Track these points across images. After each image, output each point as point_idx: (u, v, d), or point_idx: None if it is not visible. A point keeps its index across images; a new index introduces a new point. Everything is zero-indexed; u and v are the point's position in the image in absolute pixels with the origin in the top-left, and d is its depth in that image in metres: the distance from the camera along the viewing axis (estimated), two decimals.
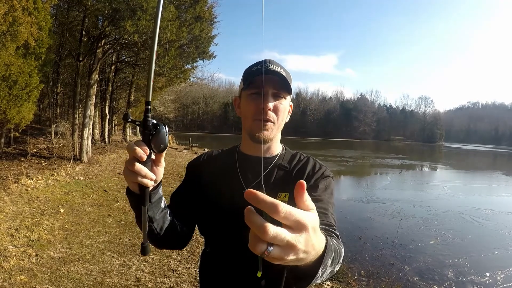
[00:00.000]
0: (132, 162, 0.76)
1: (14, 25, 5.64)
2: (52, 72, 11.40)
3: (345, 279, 4.20)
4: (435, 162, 28.08)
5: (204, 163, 1.15)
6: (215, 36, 13.03)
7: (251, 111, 1.00)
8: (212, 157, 1.18)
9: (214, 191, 1.06)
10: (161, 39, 8.85)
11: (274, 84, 0.97)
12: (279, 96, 1.00)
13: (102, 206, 6.12)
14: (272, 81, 0.96)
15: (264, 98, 0.96)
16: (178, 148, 21.72)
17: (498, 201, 10.75)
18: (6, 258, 3.56)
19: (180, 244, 1.09)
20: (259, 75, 0.96)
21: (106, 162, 10.36)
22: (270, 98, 0.98)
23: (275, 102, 0.99)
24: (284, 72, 1.00)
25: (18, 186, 5.98)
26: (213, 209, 1.05)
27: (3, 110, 6.24)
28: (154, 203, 0.89)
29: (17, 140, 9.44)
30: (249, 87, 1.00)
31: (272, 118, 0.99)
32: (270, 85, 0.97)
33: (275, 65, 1.00)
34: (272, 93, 0.98)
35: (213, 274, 1.08)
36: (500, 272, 4.87)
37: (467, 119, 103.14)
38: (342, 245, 0.77)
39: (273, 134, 1.02)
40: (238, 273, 1.01)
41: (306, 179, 1.03)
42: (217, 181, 1.07)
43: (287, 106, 1.04)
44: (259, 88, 0.96)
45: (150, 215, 0.88)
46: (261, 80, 0.93)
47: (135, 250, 4.28)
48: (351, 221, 7.43)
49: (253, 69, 1.01)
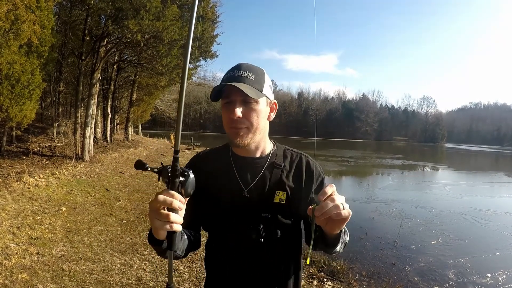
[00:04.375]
0: (165, 213, 0.78)
1: (17, 23, 5.65)
2: (55, 71, 11.41)
3: (346, 279, 4.19)
4: (437, 162, 28.01)
5: (200, 165, 1.14)
6: (218, 35, 13.06)
7: (225, 121, 1.03)
8: (206, 158, 1.18)
9: (214, 193, 1.08)
10: (164, 39, 8.88)
11: (240, 91, 0.96)
12: (248, 102, 1.00)
13: (103, 205, 6.14)
14: (238, 90, 0.96)
15: (231, 107, 0.99)
16: (180, 147, 21.70)
17: (500, 202, 10.72)
18: (7, 256, 3.57)
19: (196, 248, 1.14)
20: (225, 85, 0.99)
21: (108, 161, 10.39)
22: (239, 105, 0.99)
23: (244, 109, 1.00)
24: (254, 75, 1.01)
25: (20, 184, 6.00)
26: (215, 209, 1.08)
27: (5, 108, 6.26)
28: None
29: (19, 139, 9.47)
30: (222, 98, 1.02)
31: (245, 124, 1.01)
32: (237, 93, 0.98)
33: (243, 70, 1.01)
34: (240, 100, 0.99)
35: (218, 264, 1.14)
36: (501, 273, 4.86)
37: (469, 119, 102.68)
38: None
39: (250, 137, 1.03)
40: (241, 262, 1.07)
41: (306, 179, 1.10)
42: (216, 183, 1.09)
43: (262, 107, 1.04)
44: (228, 98, 1.00)
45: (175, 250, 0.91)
46: (228, 90, 0.98)
47: (136, 249, 4.29)
48: (353, 221, 7.32)
49: (223, 78, 1.03)
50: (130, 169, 10.02)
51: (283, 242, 1.05)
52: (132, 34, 8.24)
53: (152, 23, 8.09)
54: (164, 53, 9.79)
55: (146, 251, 4.24)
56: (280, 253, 1.07)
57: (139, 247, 4.38)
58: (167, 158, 14.77)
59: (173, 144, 11.08)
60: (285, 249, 1.08)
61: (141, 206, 6.43)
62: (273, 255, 1.05)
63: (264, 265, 1.05)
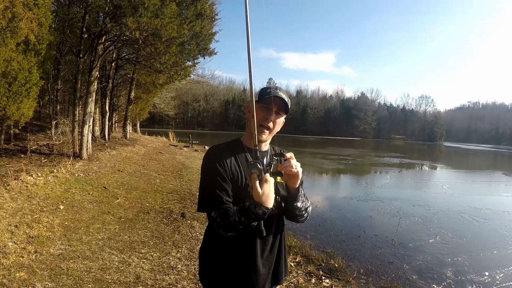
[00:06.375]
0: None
1: (14, 21, 5.61)
2: (53, 69, 11.33)
3: (344, 277, 4.20)
4: (435, 161, 28.10)
5: (221, 155, 1.42)
6: (216, 33, 13.02)
7: (258, 119, 1.39)
8: (224, 150, 1.46)
9: (236, 174, 1.40)
10: (162, 36, 8.84)
11: (278, 105, 1.42)
12: (279, 114, 1.45)
13: (101, 203, 6.13)
14: (277, 103, 1.41)
15: (269, 113, 1.42)
16: (178, 145, 21.72)
17: (498, 200, 10.78)
18: (5, 255, 3.56)
19: None
20: (271, 96, 1.39)
21: (106, 159, 10.36)
22: (273, 114, 1.42)
23: (275, 117, 1.43)
24: (287, 98, 1.44)
25: (18, 182, 5.98)
26: (240, 187, 1.39)
27: (2, 106, 6.23)
28: None
29: (17, 137, 9.44)
30: (261, 102, 1.41)
31: (270, 127, 1.44)
32: (275, 105, 1.41)
33: (283, 92, 1.45)
34: (275, 110, 1.42)
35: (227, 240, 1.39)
36: (499, 272, 4.88)
37: (467, 118, 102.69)
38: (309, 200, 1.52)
39: (268, 137, 1.47)
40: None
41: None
42: (238, 168, 1.42)
43: (282, 121, 1.50)
44: (268, 105, 1.41)
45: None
46: (272, 100, 1.39)
47: (134, 247, 4.29)
48: (351, 219, 7.44)
49: (268, 91, 1.42)
50: (128, 167, 10.01)
51: (281, 207, 1.48)
52: (130, 31, 8.20)
53: (151, 21, 8.06)
54: (163, 50, 9.76)
55: (144, 249, 4.24)
56: (279, 213, 1.49)
57: (137, 245, 4.38)
58: (165, 156, 14.74)
59: (171, 141, 11.15)
60: (281, 210, 1.49)
61: (139, 204, 6.42)
62: (277, 213, 1.47)
63: (271, 222, 1.43)
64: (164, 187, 8.26)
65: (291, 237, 5.41)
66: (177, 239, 4.77)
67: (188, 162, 13.46)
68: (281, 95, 1.41)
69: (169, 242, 4.62)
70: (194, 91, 71.23)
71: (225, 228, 1.27)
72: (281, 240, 1.55)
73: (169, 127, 48.18)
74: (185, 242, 4.68)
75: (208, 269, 1.50)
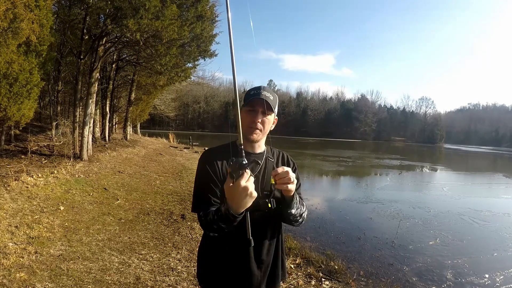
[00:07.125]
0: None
1: (15, 22, 5.63)
2: (53, 70, 11.34)
3: (344, 279, 4.20)
4: (435, 163, 28.08)
5: (214, 158, 1.46)
6: (217, 35, 13.03)
7: (246, 122, 1.44)
8: (218, 153, 1.49)
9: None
10: (163, 38, 8.86)
11: (262, 106, 1.43)
12: (265, 114, 1.46)
13: (102, 204, 6.13)
14: (261, 104, 1.43)
15: (255, 115, 1.44)
16: (179, 147, 21.74)
17: (498, 203, 10.77)
18: (5, 255, 3.56)
19: None
20: (253, 98, 1.44)
21: (106, 160, 10.37)
22: (260, 114, 1.45)
23: (262, 117, 1.45)
24: (272, 96, 1.47)
25: (18, 183, 5.99)
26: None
27: (3, 107, 6.24)
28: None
29: (17, 138, 9.45)
30: (247, 106, 1.46)
31: (259, 127, 1.45)
32: (260, 106, 1.44)
33: (266, 91, 1.47)
34: (261, 111, 1.44)
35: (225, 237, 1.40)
36: (499, 274, 4.88)
37: (467, 120, 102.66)
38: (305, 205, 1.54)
39: (260, 137, 1.48)
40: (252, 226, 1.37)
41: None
42: None
43: (271, 119, 1.51)
44: (253, 107, 1.45)
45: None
46: (255, 102, 1.44)
47: (134, 248, 4.29)
48: (351, 221, 7.44)
49: (251, 93, 1.47)
50: (128, 168, 10.01)
51: (276, 210, 1.44)
52: (131, 33, 8.22)
53: (151, 22, 8.08)
54: (163, 52, 9.76)
55: (144, 250, 4.24)
56: (275, 216, 1.48)
57: (137, 246, 4.38)
58: (166, 157, 14.75)
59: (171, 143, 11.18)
60: (277, 213, 1.47)
61: (139, 205, 6.43)
62: (273, 216, 1.48)
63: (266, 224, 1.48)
64: (164, 188, 8.26)
65: (291, 239, 5.41)
66: (177, 241, 4.77)
67: (188, 163, 13.46)
68: (264, 94, 1.43)
69: (169, 244, 4.62)
70: (194, 92, 71.33)
71: (206, 227, 1.31)
72: (278, 242, 1.56)
73: (170, 129, 48.34)
74: (185, 244, 4.68)
75: (204, 270, 1.53)
